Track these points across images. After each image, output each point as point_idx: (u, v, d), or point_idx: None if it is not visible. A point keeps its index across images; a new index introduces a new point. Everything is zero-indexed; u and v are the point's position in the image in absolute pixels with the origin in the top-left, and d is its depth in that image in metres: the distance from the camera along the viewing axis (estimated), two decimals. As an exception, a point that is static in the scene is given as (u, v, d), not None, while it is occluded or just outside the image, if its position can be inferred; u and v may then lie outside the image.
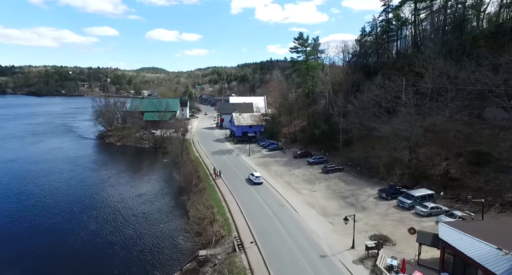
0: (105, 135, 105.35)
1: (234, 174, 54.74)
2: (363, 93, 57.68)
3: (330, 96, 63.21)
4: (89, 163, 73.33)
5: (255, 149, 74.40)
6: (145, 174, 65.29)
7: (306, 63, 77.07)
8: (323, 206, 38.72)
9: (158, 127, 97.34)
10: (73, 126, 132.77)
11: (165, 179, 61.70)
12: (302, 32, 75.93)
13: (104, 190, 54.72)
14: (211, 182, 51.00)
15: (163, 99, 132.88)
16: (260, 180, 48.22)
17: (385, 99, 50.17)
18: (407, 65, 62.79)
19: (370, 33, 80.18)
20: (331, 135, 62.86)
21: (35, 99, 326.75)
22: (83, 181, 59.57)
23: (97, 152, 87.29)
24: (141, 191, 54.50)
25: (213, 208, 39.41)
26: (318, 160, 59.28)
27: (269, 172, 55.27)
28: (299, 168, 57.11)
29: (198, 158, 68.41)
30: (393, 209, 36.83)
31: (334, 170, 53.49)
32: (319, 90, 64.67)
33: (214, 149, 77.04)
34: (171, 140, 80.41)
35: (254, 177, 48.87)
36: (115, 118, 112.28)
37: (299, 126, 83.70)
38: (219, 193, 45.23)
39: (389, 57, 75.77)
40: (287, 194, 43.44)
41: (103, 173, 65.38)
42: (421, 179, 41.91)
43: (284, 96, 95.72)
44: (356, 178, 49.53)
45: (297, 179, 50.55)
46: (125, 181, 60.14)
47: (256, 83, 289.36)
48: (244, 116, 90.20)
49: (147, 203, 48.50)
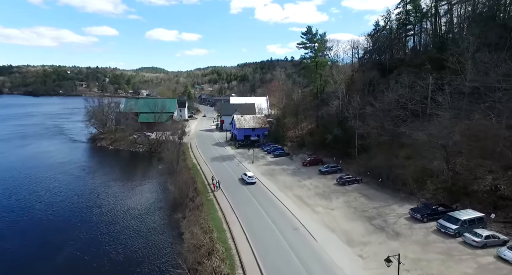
0: (97, 138, 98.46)
1: (236, 185, 47.92)
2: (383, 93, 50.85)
3: (344, 97, 56.36)
4: (76, 170, 66.38)
5: (259, 155, 67.53)
6: (137, 184, 58.34)
7: (314, 60, 70.15)
8: (346, 230, 31.84)
9: (154, 130, 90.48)
10: (65, 127, 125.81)
11: (159, 189, 54.75)
12: (310, 26, 69.31)
13: (88, 204, 47.83)
14: (210, 196, 44.15)
15: (159, 99, 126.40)
16: (253, 180, 47.84)
17: (413, 100, 43.23)
18: (430, 61, 56.36)
19: (384, 27, 73.42)
20: (345, 140, 56.02)
21: (31, 99, 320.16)
22: (65, 193, 52.61)
23: (86, 157, 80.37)
24: (130, 204, 47.62)
25: (212, 232, 32.53)
26: (332, 169, 52.40)
27: (277, 183, 48.39)
28: (310, 179, 50.22)
29: (195, 165, 61.55)
30: (434, 236, 29.92)
31: (351, 182, 46.63)
32: (331, 90, 57.74)
33: (213, 154, 70.16)
34: (167, 144, 73.46)
35: (247, 177, 48.33)
36: (108, 120, 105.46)
37: (307, 129, 76.88)
38: (219, 211, 38.37)
39: (406, 53, 68.83)
40: (300, 212, 36.56)
41: (90, 183, 58.45)
42: (461, 196, 35.05)
43: (289, 96, 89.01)
44: (378, 192, 42.64)
45: (310, 193, 43.65)
46: (114, 192, 53.21)
47: (256, 82, 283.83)
48: (246, 118, 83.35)
49: (135, 221, 41.57)
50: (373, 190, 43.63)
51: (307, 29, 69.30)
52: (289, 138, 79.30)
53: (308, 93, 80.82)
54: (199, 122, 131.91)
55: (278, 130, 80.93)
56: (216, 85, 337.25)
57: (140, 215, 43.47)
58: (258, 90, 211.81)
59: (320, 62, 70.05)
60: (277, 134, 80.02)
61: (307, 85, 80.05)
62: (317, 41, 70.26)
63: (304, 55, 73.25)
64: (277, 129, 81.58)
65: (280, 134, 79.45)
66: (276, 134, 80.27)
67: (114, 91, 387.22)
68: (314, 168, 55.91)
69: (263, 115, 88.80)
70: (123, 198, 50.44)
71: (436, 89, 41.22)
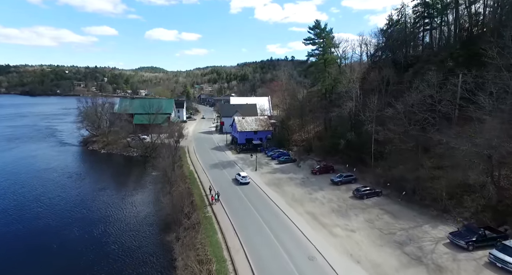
0: (89, 140, 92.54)
1: (238, 198, 42.05)
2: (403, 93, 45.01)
3: (358, 98, 50.51)
4: (61, 178, 60.42)
5: (262, 161, 61.59)
6: (128, 194, 52.38)
7: (323, 57, 64.22)
8: (375, 262, 25.92)
9: (150, 132, 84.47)
10: (57, 129, 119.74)
11: (152, 201, 48.72)
12: (319, 20, 63.24)
13: (70, 218, 42.03)
14: (208, 212, 38.28)
15: (154, 99, 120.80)
16: (247, 180, 47.80)
17: (444, 101, 37.32)
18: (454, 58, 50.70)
19: (398, 21, 67.57)
20: (359, 146, 50.14)
21: (27, 99, 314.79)
22: (45, 205, 46.66)
23: (75, 162, 74.28)
24: (118, 219, 41.77)
25: (210, 263, 26.64)
26: (345, 179, 46.52)
27: (285, 195, 42.47)
28: (321, 190, 44.32)
29: (192, 173, 55.62)
30: (488, 272, 23.99)
31: (370, 195, 40.74)
32: (343, 90, 51.80)
33: (212, 160, 64.21)
34: (162, 148, 67.38)
35: (240, 177, 48.29)
36: (102, 122, 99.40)
37: (313, 131, 71.02)
38: (219, 233, 32.47)
39: (423, 49, 62.93)
40: (315, 236, 30.65)
41: (74, 194, 52.42)
42: (509, 216, 29.21)
43: (293, 96, 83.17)
44: (403, 208, 36.74)
45: (324, 209, 37.72)
46: (101, 204, 47.27)
47: (256, 82, 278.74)
48: (248, 120, 77.45)
49: (120, 243, 35.66)
50: (397, 205, 37.74)
51: (315, 23, 63.38)
52: (295, 142, 73.49)
53: (315, 93, 74.96)
54: (198, 124, 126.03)
55: (283, 133, 75.07)
56: (216, 85, 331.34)
57: (126, 236, 37.52)
58: (259, 90, 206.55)
59: (329, 60, 64.15)
60: (282, 137, 74.18)
61: (313, 84, 74.08)
62: (325, 36, 64.33)
63: (312, 52, 67.32)
64: (282, 132, 75.71)
65: (284, 137, 73.60)
66: (280, 137, 74.42)
67: (113, 91, 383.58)
68: (325, 177, 50.06)
69: (266, 116, 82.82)
70: (111, 212, 44.57)
71: (473, 88, 35.27)
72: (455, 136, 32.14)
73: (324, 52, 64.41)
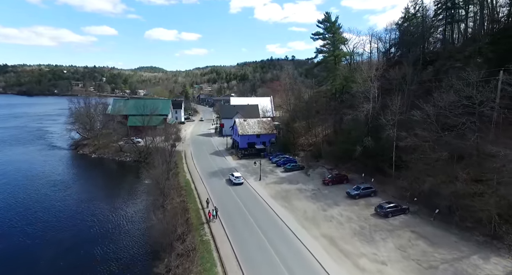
0: (80, 144, 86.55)
1: (240, 214, 36.11)
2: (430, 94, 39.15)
3: (377, 99, 44.52)
4: (45, 187, 54.40)
5: (267, 168, 55.62)
6: (116, 207, 46.34)
7: (333, 53, 58.21)
8: (420, 312, 19.96)
9: (146, 135, 78.36)
10: (48, 131, 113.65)
11: (141, 218, 42.54)
12: (329, 13, 57.14)
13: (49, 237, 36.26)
14: (205, 233, 32.32)
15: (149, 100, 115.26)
16: (240, 181, 47.50)
17: (487, 103, 31.36)
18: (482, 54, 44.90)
19: (415, 15, 61.63)
20: (378, 153, 44.16)
21: (24, 99, 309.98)
22: (23, 218, 40.80)
23: (62, 168, 68.12)
24: (101, 242, 35.76)
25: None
26: (363, 192, 40.48)
27: (295, 212, 36.47)
28: (337, 205, 38.34)
29: (189, 182, 49.65)
30: None
31: (396, 212, 34.77)
32: (358, 90, 45.77)
33: (211, 167, 58.19)
34: (157, 153, 61.19)
35: (234, 177, 48.04)
36: (95, 123, 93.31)
37: (322, 135, 64.96)
38: (219, 264, 26.50)
39: (446, 44, 56.92)
40: (337, 269, 24.70)
41: (57, 205, 46.43)
42: None
43: (298, 97, 77.33)
44: (438, 230, 30.77)
45: (343, 230, 31.74)
46: (84, 222, 41.15)
47: (256, 82, 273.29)
48: (250, 122, 71.42)
49: (102, 269, 29.71)
50: (430, 226, 31.75)
51: (325, 16, 57.27)
52: (301, 146, 67.51)
53: (323, 93, 69.00)
54: (197, 125, 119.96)
55: (288, 137, 69.08)
56: (215, 84, 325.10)
57: (111, 260, 31.58)
58: (259, 89, 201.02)
59: (340, 56, 58.20)
60: (287, 141, 68.21)
61: (321, 84, 68.14)
62: (336, 30, 58.30)
63: (320, 48, 61.26)
64: (287, 135, 69.73)
65: (290, 141, 67.65)
66: (285, 141, 68.44)
67: (111, 91, 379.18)
68: (339, 188, 44.11)
69: (269, 118, 76.82)
70: (95, 230, 38.73)
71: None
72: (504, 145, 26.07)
73: (335, 48, 58.38)
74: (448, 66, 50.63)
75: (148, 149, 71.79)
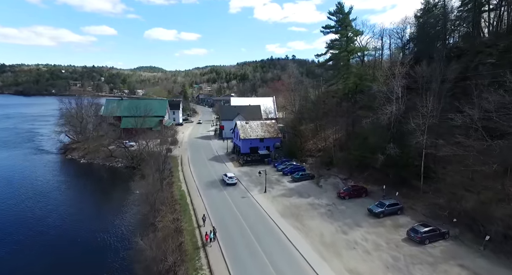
0: (69, 148, 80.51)
1: (244, 237, 30.06)
2: (467, 94, 33.22)
3: (401, 100, 38.36)
4: (23, 198, 48.37)
5: (272, 177, 49.49)
6: (100, 225, 39.94)
7: (346, 49, 52.09)
8: None
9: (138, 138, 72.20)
10: (38, 133, 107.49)
11: (127, 240, 36.21)
12: (342, 2, 50.84)
13: (18, 260, 30.12)
14: (202, 267, 26.19)
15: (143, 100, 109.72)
16: (233, 181, 46.43)
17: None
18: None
19: (436, 6, 55.51)
20: (402, 163, 38.07)
21: (20, 98, 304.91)
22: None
23: (47, 176, 61.85)
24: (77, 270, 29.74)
25: None
26: (389, 209, 34.32)
27: (309, 235, 30.33)
28: (359, 226, 32.23)
29: (184, 195, 43.51)
30: None
31: (434, 237, 28.63)
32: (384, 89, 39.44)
33: (210, 175, 52.04)
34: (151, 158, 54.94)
35: (227, 177, 47.13)
36: (86, 125, 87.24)
37: (332, 138, 58.74)
38: (218, 316, 20.40)
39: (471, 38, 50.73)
40: None
41: (33, 224, 40.27)
42: None
43: (305, 97, 71.34)
44: (493, 264, 24.61)
45: (372, 263, 25.57)
46: (62, 247, 35.19)
47: (257, 82, 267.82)
48: (253, 125, 65.29)
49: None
50: (481, 258, 25.59)
51: (337, 7, 50.98)
52: (308, 151, 61.45)
53: (332, 93, 62.91)
54: (195, 127, 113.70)
55: (294, 141, 62.95)
56: (215, 84, 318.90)
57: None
58: (259, 89, 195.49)
59: (355, 51, 52.14)
60: (293, 146, 62.07)
61: (331, 83, 62.08)
62: (349, 23, 52.20)
63: (331, 43, 55.09)
64: (293, 139, 63.61)
65: (296, 146, 61.52)
66: (291, 146, 62.30)
67: (110, 91, 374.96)
68: (357, 203, 38.09)
69: (274, 121, 70.67)
70: (73, 256, 32.58)
71: None
72: None
73: (348, 43, 52.24)
74: (477, 62, 44.72)
75: (142, 153, 65.68)
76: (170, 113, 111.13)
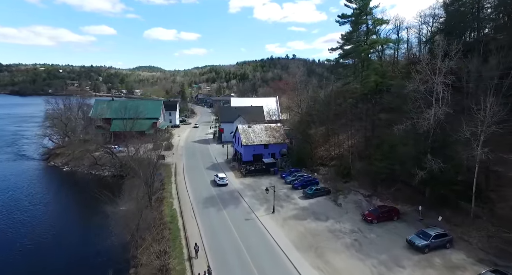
0: (53, 153, 73.10)
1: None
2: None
3: (442, 102, 30.84)
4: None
5: (280, 192, 41.90)
6: (74, 252, 32.78)
7: (366, 41, 44.62)
8: None
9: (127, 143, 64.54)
10: (23, 136, 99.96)
11: (107, 272, 28.99)
12: (362, -13, 43.42)
13: None
14: None
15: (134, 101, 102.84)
16: (224, 181, 45.66)
17: None
18: None
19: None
20: (446, 180, 30.60)
21: (15, 98, 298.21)
22: None
23: (22, 186, 54.18)
24: None
25: None
26: (435, 242, 26.66)
27: (337, 283, 22.88)
28: (399, 266, 24.68)
29: (176, 217, 35.93)
30: None
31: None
32: (423, 88, 31.63)
33: (208, 190, 44.42)
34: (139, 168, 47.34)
35: (218, 178, 46.25)
36: (73, 128, 79.81)
37: (346, 145, 51.21)
38: None
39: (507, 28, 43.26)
40: None
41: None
42: None
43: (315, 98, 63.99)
44: None
45: None
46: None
47: (257, 81, 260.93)
48: (256, 129, 57.77)
49: None
50: None
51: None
52: (320, 159, 54.04)
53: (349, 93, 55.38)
54: (192, 129, 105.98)
55: (303, 147, 55.44)
56: (215, 84, 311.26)
57: None
58: (260, 89, 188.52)
59: (379, 43, 44.61)
60: (302, 153, 54.57)
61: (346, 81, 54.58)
62: (369, 12, 44.70)
63: (347, 35, 47.58)
64: (302, 145, 56.10)
65: (306, 153, 54.05)
66: (300, 153, 54.81)
67: (107, 91, 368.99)
68: (389, 229, 30.61)
69: (279, 124, 63.11)
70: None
71: None
72: None
73: (369, 34, 44.65)
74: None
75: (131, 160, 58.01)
76: (166, 114, 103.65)
